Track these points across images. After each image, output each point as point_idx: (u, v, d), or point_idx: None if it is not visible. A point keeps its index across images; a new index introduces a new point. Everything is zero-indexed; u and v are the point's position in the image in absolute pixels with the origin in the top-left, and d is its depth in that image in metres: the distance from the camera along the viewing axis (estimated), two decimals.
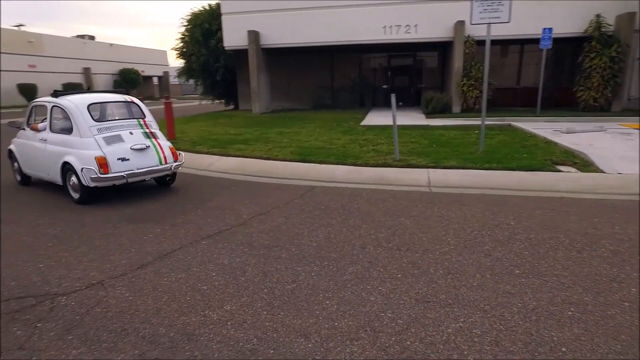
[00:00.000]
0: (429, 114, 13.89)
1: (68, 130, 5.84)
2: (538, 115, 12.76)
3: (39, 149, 6.24)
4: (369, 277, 3.33)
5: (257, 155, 8.09)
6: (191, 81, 21.11)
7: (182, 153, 6.73)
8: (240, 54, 17.03)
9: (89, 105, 5.87)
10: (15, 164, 6.96)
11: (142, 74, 44.00)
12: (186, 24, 18.98)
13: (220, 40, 16.72)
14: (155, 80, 49.59)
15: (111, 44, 42.56)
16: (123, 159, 5.65)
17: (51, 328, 2.72)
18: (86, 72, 38.44)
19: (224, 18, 16.21)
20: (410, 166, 6.91)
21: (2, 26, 32.07)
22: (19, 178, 6.98)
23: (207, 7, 18.90)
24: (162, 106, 11.36)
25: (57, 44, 35.88)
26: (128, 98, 6.50)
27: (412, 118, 13.30)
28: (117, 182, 5.60)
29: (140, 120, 6.24)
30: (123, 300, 3.06)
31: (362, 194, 5.79)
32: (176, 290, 3.18)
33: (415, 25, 14.56)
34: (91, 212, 5.29)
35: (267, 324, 2.72)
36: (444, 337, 2.52)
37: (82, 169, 5.45)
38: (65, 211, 5.36)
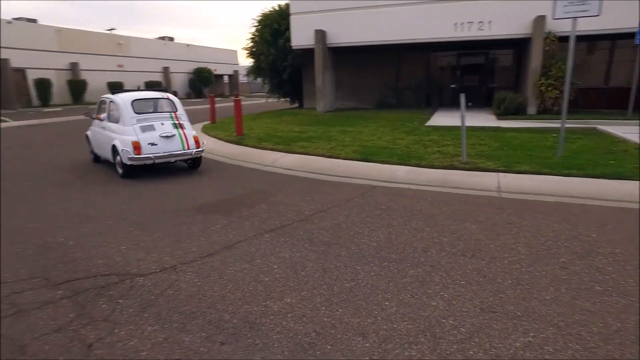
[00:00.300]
0: (501, 115, 13.11)
1: (117, 120, 7.31)
2: (629, 118, 11.50)
3: (101, 134, 7.90)
4: (430, 281, 3.23)
5: (320, 153, 8.19)
6: (259, 79, 21.88)
7: (205, 142, 8.41)
8: (306, 53, 17.33)
9: (132, 101, 7.28)
10: (90, 146, 8.82)
11: (214, 72, 46.40)
12: (256, 24, 19.70)
13: (288, 39, 17.16)
14: (225, 78, 52.02)
15: (188, 45, 45.40)
16: (152, 144, 6.91)
17: (130, 305, 2.99)
18: (165, 71, 41.41)
19: (292, 18, 16.61)
20: (478, 169, 6.59)
21: (96, 30, 35.68)
22: (92, 157, 8.81)
23: (277, 8, 19.47)
24: (232, 103, 11.94)
25: (141, 45, 39.03)
26: (165, 95, 7.86)
27: (482, 119, 12.66)
28: (147, 162, 6.87)
29: (172, 113, 7.54)
30: (192, 285, 3.27)
31: (425, 196, 5.63)
32: (240, 280, 3.33)
33: (489, 22, 13.80)
34: (167, 201, 5.71)
35: (326, 319, 2.75)
36: (511, 351, 2.38)
37: (122, 150, 6.84)
38: (142, 198, 5.84)
